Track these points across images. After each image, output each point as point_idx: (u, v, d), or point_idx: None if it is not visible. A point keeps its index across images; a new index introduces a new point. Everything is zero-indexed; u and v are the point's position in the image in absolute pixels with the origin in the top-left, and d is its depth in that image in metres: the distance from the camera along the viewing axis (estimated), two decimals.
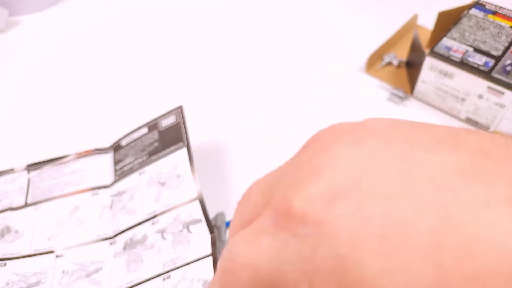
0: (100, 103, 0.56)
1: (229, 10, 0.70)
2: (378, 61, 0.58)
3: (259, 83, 0.58)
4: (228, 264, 0.13)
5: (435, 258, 0.10)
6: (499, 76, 0.46)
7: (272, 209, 0.13)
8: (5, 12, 0.67)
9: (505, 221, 0.10)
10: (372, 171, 0.12)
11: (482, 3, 0.54)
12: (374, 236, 0.11)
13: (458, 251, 0.10)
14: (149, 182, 0.43)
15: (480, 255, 0.10)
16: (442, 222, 0.10)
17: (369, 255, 0.11)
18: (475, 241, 0.10)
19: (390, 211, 0.11)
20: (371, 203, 0.11)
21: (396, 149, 0.12)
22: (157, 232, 0.39)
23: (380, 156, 0.12)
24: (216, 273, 0.14)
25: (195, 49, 0.63)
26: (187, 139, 0.44)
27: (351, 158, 0.12)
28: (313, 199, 0.12)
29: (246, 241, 0.13)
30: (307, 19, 0.67)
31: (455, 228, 0.10)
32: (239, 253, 0.13)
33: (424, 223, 0.10)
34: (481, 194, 0.10)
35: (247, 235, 0.13)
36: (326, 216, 0.11)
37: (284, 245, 0.12)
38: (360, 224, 0.11)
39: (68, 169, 0.46)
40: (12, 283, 0.38)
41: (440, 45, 0.49)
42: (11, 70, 0.62)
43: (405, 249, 0.10)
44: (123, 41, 0.65)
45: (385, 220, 0.11)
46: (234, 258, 0.13)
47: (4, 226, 0.42)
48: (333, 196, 0.12)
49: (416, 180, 0.11)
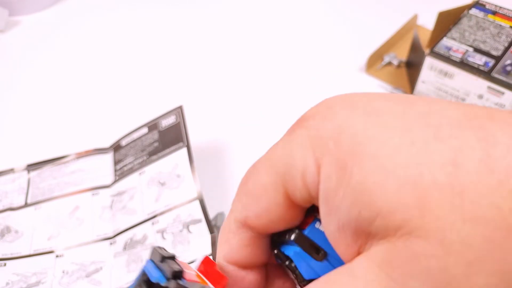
0: (100, 103, 0.56)
1: (229, 10, 0.70)
2: (378, 61, 0.58)
3: (259, 83, 0.58)
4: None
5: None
6: (499, 76, 0.46)
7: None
8: (5, 12, 0.67)
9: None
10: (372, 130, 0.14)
11: (482, 3, 0.54)
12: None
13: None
14: (149, 182, 0.43)
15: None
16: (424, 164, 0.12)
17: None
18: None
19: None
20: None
21: (395, 111, 0.14)
22: (157, 232, 0.39)
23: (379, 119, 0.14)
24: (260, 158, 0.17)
25: (195, 49, 0.63)
26: (187, 139, 0.44)
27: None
28: (316, 106, 0.15)
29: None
30: (307, 19, 0.67)
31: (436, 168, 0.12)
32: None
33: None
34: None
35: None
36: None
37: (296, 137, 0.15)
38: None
39: (68, 169, 0.46)
40: (12, 283, 0.38)
41: (440, 45, 0.49)
42: (11, 70, 0.62)
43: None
44: (123, 41, 0.65)
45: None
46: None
47: (4, 226, 0.42)
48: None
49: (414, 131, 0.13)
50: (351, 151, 0.13)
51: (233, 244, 0.18)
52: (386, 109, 0.14)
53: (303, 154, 0.15)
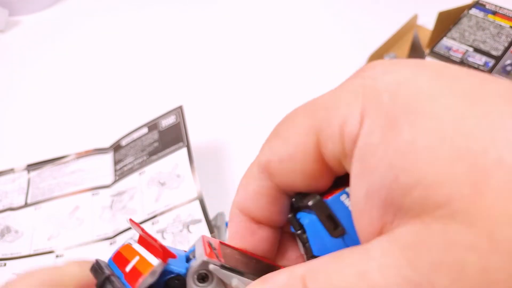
0: (100, 103, 0.56)
1: (229, 11, 0.70)
2: None
3: (259, 83, 0.58)
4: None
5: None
6: (499, 76, 0.46)
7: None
8: (5, 12, 0.67)
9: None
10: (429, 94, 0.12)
11: (482, 3, 0.54)
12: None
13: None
14: (149, 182, 0.43)
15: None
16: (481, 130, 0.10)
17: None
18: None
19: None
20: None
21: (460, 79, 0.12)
22: (157, 232, 0.39)
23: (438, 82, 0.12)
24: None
25: (195, 49, 0.63)
26: (187, 139, 0.44)
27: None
28: (380, 60, 0.14)
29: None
30: (307, 19, 0.67)
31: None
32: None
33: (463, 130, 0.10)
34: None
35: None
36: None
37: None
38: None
39: (68, 169, 0.46)
40: None
41: (440, 45, 0.49)
42: (11, 70, 0.62)
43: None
44: (123, 41, 0.65)
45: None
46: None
47: (4, 226, 0.42)
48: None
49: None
50: (407, 107, 0.11)
51: (250, 191, 0.16)
52: (462, 76, 0.12)
53: (349, 102, 0.13)
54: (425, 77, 0.12)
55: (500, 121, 0.10)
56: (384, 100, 0.12)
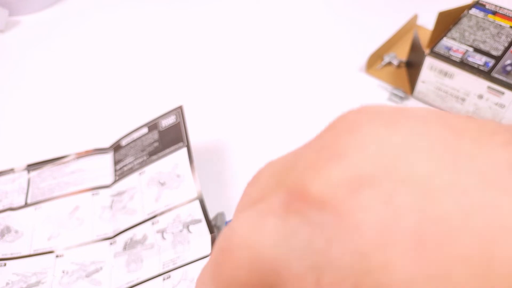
0: (100, 103, 0.56)
1: (229, 11, 0.70)
2: (378, 61, 0.58)
3: (259, 83, 0.58)
4: (226, 242, 0.12)
5: (485, 271, 0.08)
6: (499, 76, 0.46)
7: (284, 190, 0.11)
8: (5, 12, 0.67)
9: None
10: (409, 158, 0.10)
11: (482, 3, 0.54)
12: (408, 235, 0.09)
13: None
14: (149, 182, 0.43)
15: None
16: (494, 227, 0.08)
17: (399, 258, 0.09)
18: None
19: (430, 206, 0.09)
20: (405, 195, 0.09)
21: (439, 136, 0.10)
22: (157, 232, 0.39)
23: (419, 142, 0.10)
24: (213, 250, 0.12)
25: (195, 49, 0.63)
26: (187, 139, 0.44)
27: (384, 141, 0.10)
28: (335, 183, 0.10)
29: (251, 221, 0.11)
30: (307, 19, 0.67)
31: (510, 236, 0.08)
32: (241, 233, 0.11)
33: (473, 226, 0.08)
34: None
35: (252, 214, 0.12)
36: (350, 204, 0.10)
37: (293, 231, 0.10)
38: (390, 219, 0.09)
39: (68, 169, 0.46)
40: (12, 283, 0.38)
41: (440, 45, 0.49)
42: (11, 70, 0.62)
43: (447, 255, 0.08)
44: (123, 41, 0.65)
45: (423, 216, 0.09)
46: (234, 237, 0.11)
47: (4, 226, 0.42)
48: (359, 182, 0.10)
49: (463, 174, 0.09)
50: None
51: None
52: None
53: (300, 274, 0.11)
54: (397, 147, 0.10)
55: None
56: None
